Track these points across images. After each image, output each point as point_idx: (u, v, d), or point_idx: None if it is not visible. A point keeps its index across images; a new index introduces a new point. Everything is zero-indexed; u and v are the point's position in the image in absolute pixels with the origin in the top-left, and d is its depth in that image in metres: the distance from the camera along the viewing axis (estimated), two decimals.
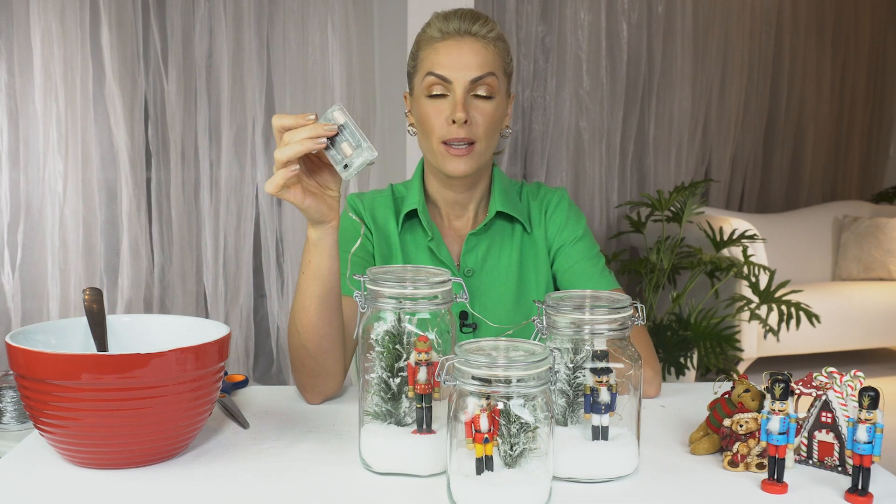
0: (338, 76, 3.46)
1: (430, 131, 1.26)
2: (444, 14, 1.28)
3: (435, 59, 1.25)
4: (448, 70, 1.24)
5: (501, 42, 1.29)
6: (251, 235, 3.45)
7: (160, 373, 0.89)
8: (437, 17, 1.29)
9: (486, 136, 1.26)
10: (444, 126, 1.24)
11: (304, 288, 1.11)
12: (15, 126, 3.05)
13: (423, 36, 1.29)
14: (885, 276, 4.42)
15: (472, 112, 1.24)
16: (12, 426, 2.06)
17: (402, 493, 0.89)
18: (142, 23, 3.22)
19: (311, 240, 1.09)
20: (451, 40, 1.25)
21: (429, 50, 1.27)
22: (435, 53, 1.26)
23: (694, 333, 3.10)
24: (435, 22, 1.28)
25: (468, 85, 1.24)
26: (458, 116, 1.22)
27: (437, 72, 1.24)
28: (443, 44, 1.25)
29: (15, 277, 3.07)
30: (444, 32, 1.26)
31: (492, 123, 1.27)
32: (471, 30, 1.25)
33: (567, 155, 4.20)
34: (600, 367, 0.90)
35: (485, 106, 1.25)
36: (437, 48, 1.26)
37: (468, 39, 1.25)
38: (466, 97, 1.24)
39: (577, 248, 1.34)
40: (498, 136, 1.31)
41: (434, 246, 1.32)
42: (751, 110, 4.78)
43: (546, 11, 4.09)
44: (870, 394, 0.85)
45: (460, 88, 1.23)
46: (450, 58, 1.24)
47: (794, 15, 4.83)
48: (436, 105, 1.25)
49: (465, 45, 1.25)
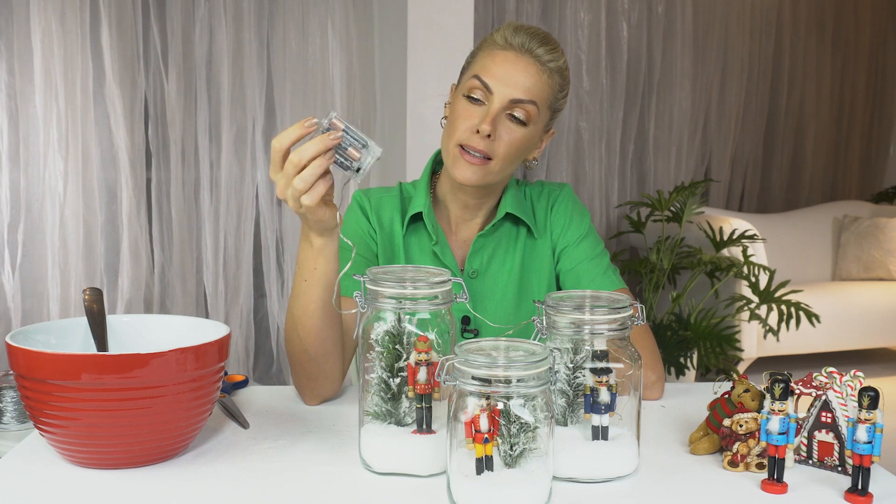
0: (338, 76, 3.46)
1: (454, 130, 1.24)
2: (516, 26, 1.25)
3: (488, 65, 1.23)
4: (494, 80, 1.21)
5: (558, 76, 1.25)
6: (251, 235, 3.45)
7: (160, 373, 0.89)
8: (507, 26, 1.26)
9: (504, 157, 1.23)
10: (468, 131, 1.22)
11: (309, 293, 1.10)
12: (15, 126, 3.05)
13: (488, 38, 1.27)
14: (885, 276, 4.42)
15: (500, 129, 1.22)
16: (12, 426, 2.06)
17: (402, 493, 0.89)
18: (142, 23, 3.22)
19: (316, 247, 1.07)
20: (511, 53, 1.22)
21: (486, 53, 1.25)
22: (490, 59, 1.23)
23: (694, 333, 3.10)
24: (504, 30, 1.25)
25: (507, 103, 1.21)
26: (482, 128, 1.20)
27: (483, 78, 1.22)
28: (502, 53, 1.23)
29: (15, 277, 3.07)
30: (507, 42, 1.23)
31: (516, 148, 1.24)
32: (534, 50, 1.22)
33: (567, 155, 4.20)
34: (600, 367, 0.90)
35: (515, 129, 1.23)
36: (494, 55, 1.23)
37: (526, 59, 1.22)
38: (500, 113, 1.22)
39: (581, 248, 1.34)
40: (519, 162, 1.28)
41: (438, 250, 1.32)
42: (751, 110, 4.78)
43: (546, 11, 4.10)
44: (870, 394, 0.85)
45: (498, 103, 1.21)
46: (501, 69, 1.22)
47: (794, 15, 4.83)
48: (469, 108, 1.23)
49: (522, 63, 1.22)
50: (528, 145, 1.26)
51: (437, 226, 1.33)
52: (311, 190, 0.99)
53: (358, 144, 0.98)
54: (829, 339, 4.04)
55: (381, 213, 1.35)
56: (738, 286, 3.69)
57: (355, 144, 0.98)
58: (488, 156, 1.22)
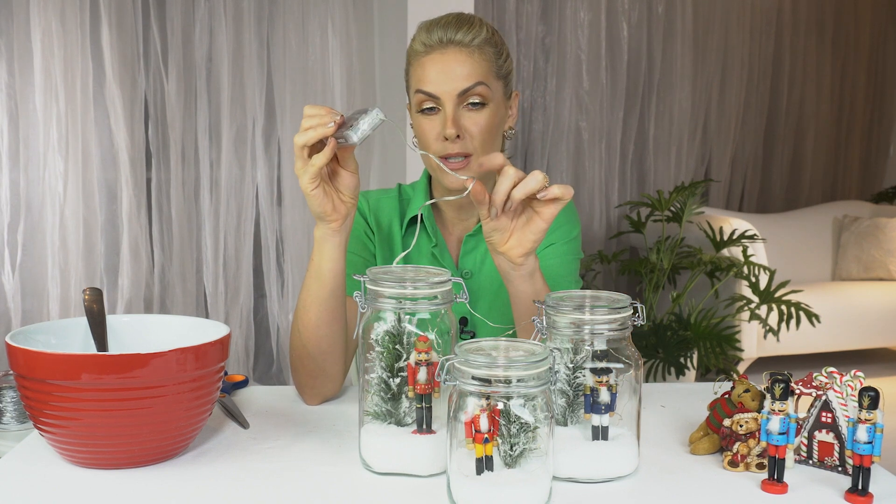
0: (338, 76, 3.46)
1: (427, 147, 1.24)
2: (427, 25, 1.25)
3: (421, 75, 1.22)
4: (434, 85, 1.21)
5: (489, 46, 1.24)
6: (251, 235, 3.45)
7: (160, 373, 0.89)
8: (420, 29, 1.25)
9: (482, 146, 1.23)
10: (439, 142, 1.22)
11: (306, 285, 1.12)
12: (15, 126, 3.05)
13: (410, 50, 1.27)
14: (885, 276, 4.42)
15: (465, 124, 1.22)
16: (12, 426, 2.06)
17: (402, 493, 0.89)
18: (142, 23, 3.22)
19: (315, 237, 1.10)
20: (435, 53, 1.22)
21: (416, 65, 1.24)
22: (421, 69, 1.23)
23: (694, 333, 3.10)
24: (419, 35, 1.24)
25: (457, 98, 1.21)
26: (448, 133, 1.20)
27: (424, 89, 1.22)
28: (427, 58, 1.22)
29: (15, 277, 3.07)
30: (427, 46, 1.22)
31: (487, 132, 1.23)
32: (454, 38, 1.21)
33: (567, 155, 4.20)
34: (600, 367, 0.90)
35: (477, 116, 1.22)
36: (422, 63, 1.23)
37: (452, 50, 1.21)
38: (457, 110, 1.21)
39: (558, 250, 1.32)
40: (498, 141, 1.28)
41: (437, 252, 1.32)
42: (751, 110, 4.78)
43: (546, 11, 4.10)
44: (870, 394, 0.85)
45: (450, 103, 1.21)
46: (434, 72, 1.21)
47: (794, 15, 4.83)
48: (429, 120, 1.23)
49: (449, 56, 1.21)
50: (497, 121, 1.26)
51: (436, 228, 1.33)
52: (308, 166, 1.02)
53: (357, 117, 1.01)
54: (829, 339, 4.04)
55: (380, 214, 1.35)
56: (738, 286, 3.69)
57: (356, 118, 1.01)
58: (468, 153, 1.23)
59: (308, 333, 1.13)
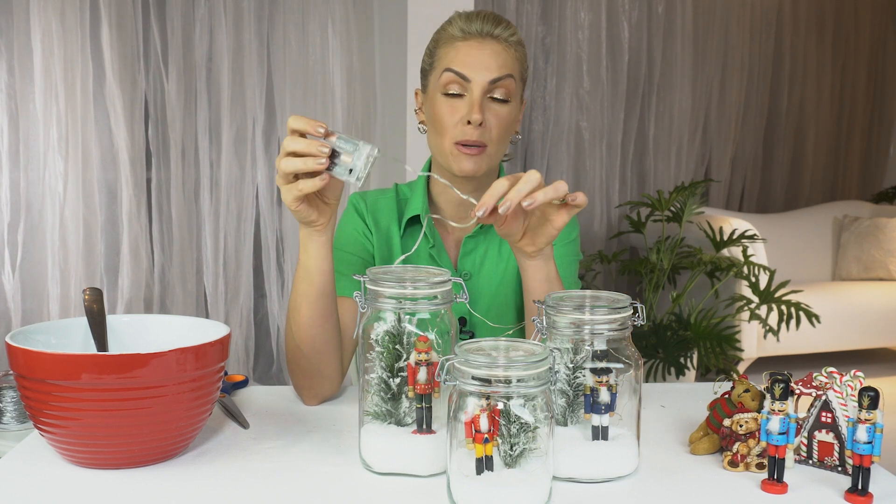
0: (338, 76, 3.46)
1: (444, 130, 1.25)
2: (467, 14, 1.27)
3: (455, 57, 1.24)
4: (468, 69, 1.23)
5: (521, 47, 1.28)
6: (251, 235, 3.45)
7: (160, 373, 0.89)
8: (459, 17, 1.27)
9: (498, 139, 1.25)
10: (459, 126, 1.23)
11: (296, 286, 1.13)
12: (15, 126, 3.06)
13: (443, 34, 1.28)
14: (885, 276, 4.42)
15: (488, 115, 1.23)
16: (12, 426, 2.06)
17: (402, 493, 0.89)
18: (142, 23, 3.22)
19: (301, 238, 1.11)
20: (473, 41, 1.24)
21: (449, 48, 1.26)
22: (455, 52, 1.24)
23: (694, 333, 3.10)
24: (457, 21, 1.27)
25: (486, 86, 1.23)
26: (474, 118, 1.21)
27: (456, 69, 1.23)
28: (464, 43, 1.24)
29: (15, 277, 3.08)
30: (466, 32, 1.25)
31: (505, 127, 1.26)
32: (493, 32, 1.24)
33: (567, 155, 4.20)
34: (600, 367, 0.90)
35: (500, 109, 1.24)
36: (458, 47, 1.25)
37: (490, 41, 1.24)
38: (483, 99, 1.23)
39: (558, 251, 1.33)
40: (509, 141, 1.30)
41: (435, 253, 1.32)
42: (751, 110, 4.78)
43: (546, 11, 4.10)
44: (870, 394, 0.85)
45: (478, 89, 1.22)
46: (471, 57, 1.23)
47: (794, 15, 4.83)
48: (451, 104, 1.24)
49: (487, 46, 1.24)
50: (513, 120, 1.28)
51: (434, 229, 1.33)
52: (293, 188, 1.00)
53: (348, 150, 0.98)
54: (829, 339, 4.04)
55: (378, 215, 1.35)
56: (738, 286, 3.69)
57: (346, 150, 0.98)
58: (484, 143, 1.24)
59: (301, 333, 1.13)
